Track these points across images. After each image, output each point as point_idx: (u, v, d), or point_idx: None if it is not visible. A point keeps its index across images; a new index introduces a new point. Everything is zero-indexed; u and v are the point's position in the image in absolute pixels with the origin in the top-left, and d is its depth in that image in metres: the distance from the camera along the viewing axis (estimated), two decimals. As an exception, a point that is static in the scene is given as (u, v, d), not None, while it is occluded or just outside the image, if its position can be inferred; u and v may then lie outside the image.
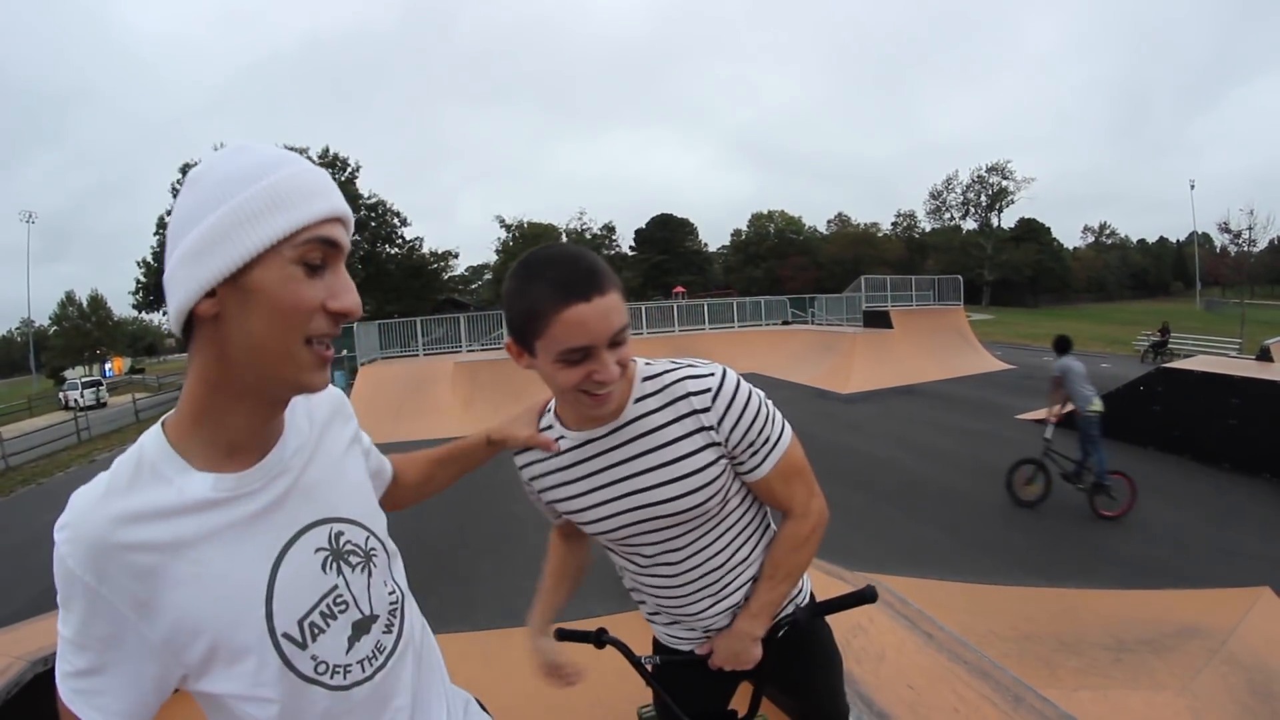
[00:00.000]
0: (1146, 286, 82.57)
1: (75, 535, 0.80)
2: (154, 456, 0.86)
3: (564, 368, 1.11)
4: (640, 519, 1.31)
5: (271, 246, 0.78)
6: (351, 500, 1.02)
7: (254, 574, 0.86)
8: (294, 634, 0.88)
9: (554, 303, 1.07)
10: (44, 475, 15.16)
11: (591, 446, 1.30)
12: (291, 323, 0.80)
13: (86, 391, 33.65)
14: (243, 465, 0.88)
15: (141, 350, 79.29)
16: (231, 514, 0.86)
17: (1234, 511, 6.78)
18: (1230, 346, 24.06)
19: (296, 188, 0.81)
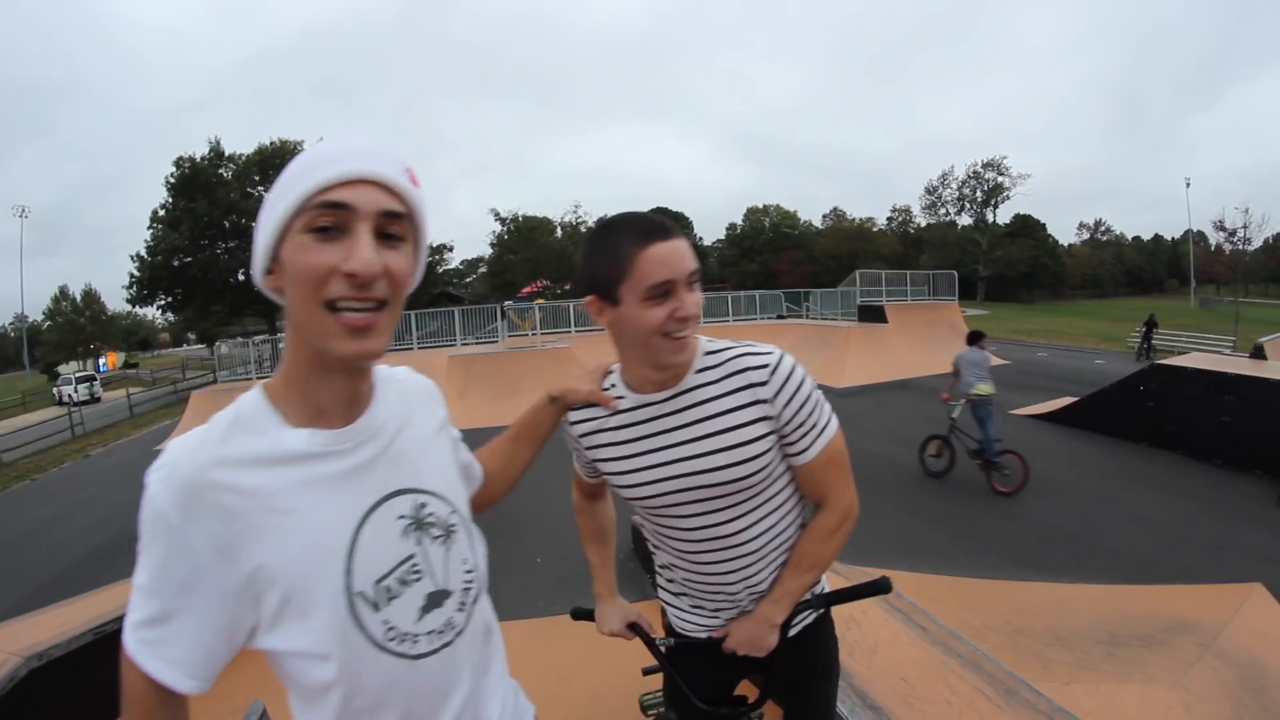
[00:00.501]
0: (1141, 283, 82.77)
1: (169, 475, 0.84)
2: (251, 411, 0.91)
3: (650, 306, 1.20)
4: (687, 486, 1.34)
5: (288, 221, 0.84)
6: (437, 475, 1.05)
7: (338, 530, 0.90)
8: (369, 594, 0.90)
9: (638, 244, 1.19)
10: (38, 471, 15.07)
11: (649, 410, 1.36)
12: (306, 289, 0.83)
13: (80, 386, 33.60)
14: (334, 426, 0.93)
15: (135, 345, 78.92)
16: (322, 469, 0.91)
17: (1226, 508, 6.79)
18: (1224, 344, 24.13)
19: (309, 162, 0.85)
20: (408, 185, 0.88)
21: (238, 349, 22.21)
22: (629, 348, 1.32)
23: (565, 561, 5.66)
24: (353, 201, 0.83)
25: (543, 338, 20.14)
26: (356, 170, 0.84)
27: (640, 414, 1.37)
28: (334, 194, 0.83)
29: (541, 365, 14.77)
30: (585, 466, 1.54)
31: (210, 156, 39.01)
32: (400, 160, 0.89)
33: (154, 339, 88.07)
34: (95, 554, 7.80)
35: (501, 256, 56.21)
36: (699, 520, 1.38)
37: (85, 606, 3.43)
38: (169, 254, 36.88)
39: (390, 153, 0.88)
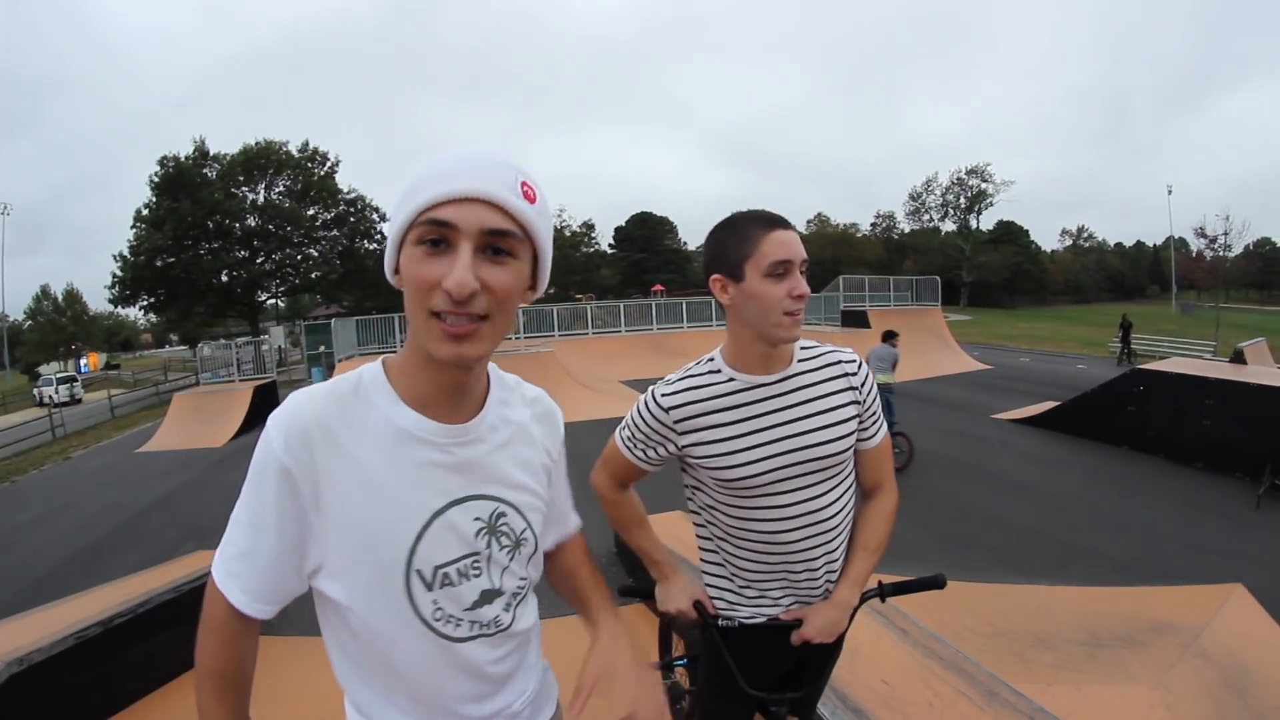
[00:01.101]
0: (1123, 289, 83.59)
1: (290, 422, 0.93)
2: (371, 382, 0.99)
3: (771, 282, 1.38)
4: (795, 461, 1.46)
5: (403, 233, 0.90)
6: (525, 495, 1.09)
7: (415, 513, 0.96)
8: (426, 575, 0.96)
9: (764, 228, 1.40)
10: (17, 473, 14.79)
11: (760, 390, 1.49)
12: (414, 298, 0.88)
13: (61, 387, 33.12)
14: (440, 417, 0.99)
15: (117, 346, 78.15)
16: (421, 454, 0.97)
17: (1207, 509, 6.86)
18: (1205, 349, 24.39)
19: (426, 176, 0.89)
20: (518, 203, 0.89)
21: (220, 350, 22.02)
22: (747, 325, 1.44)
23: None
24: (455, 220, 0.86)
25: (525, 341, 20.10)
26: (461, 189, 0.86)
27: (751, 394, 1.49)
28: (439, 211, 0.86)
29: (524, 369, 14.36)
30: (662, 454, 1.58)
31: (195, 156, 38.80)
32: (514, 174, 0.90)
33: (136, 340, 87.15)
34: (77, 558, 7.64)
35: (486, 260, 56.01)
36: (797, 495, 1.48)
37: (66, 610, 3.40)
38: (152, 254, 36.62)
39: (502, 168, 0.90)
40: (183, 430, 15.66)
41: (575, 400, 13.80)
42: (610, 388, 15.97)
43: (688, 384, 1.52)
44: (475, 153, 0.91)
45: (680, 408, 1.50)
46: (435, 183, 0.87)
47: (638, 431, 1.57)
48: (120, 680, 3.14)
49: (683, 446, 1.52)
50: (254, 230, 40.49)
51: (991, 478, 8.24)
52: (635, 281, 63.64)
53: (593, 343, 21.42)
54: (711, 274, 1.47)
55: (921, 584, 1.61)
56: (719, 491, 1.53)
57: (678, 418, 1.50)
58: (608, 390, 15.38)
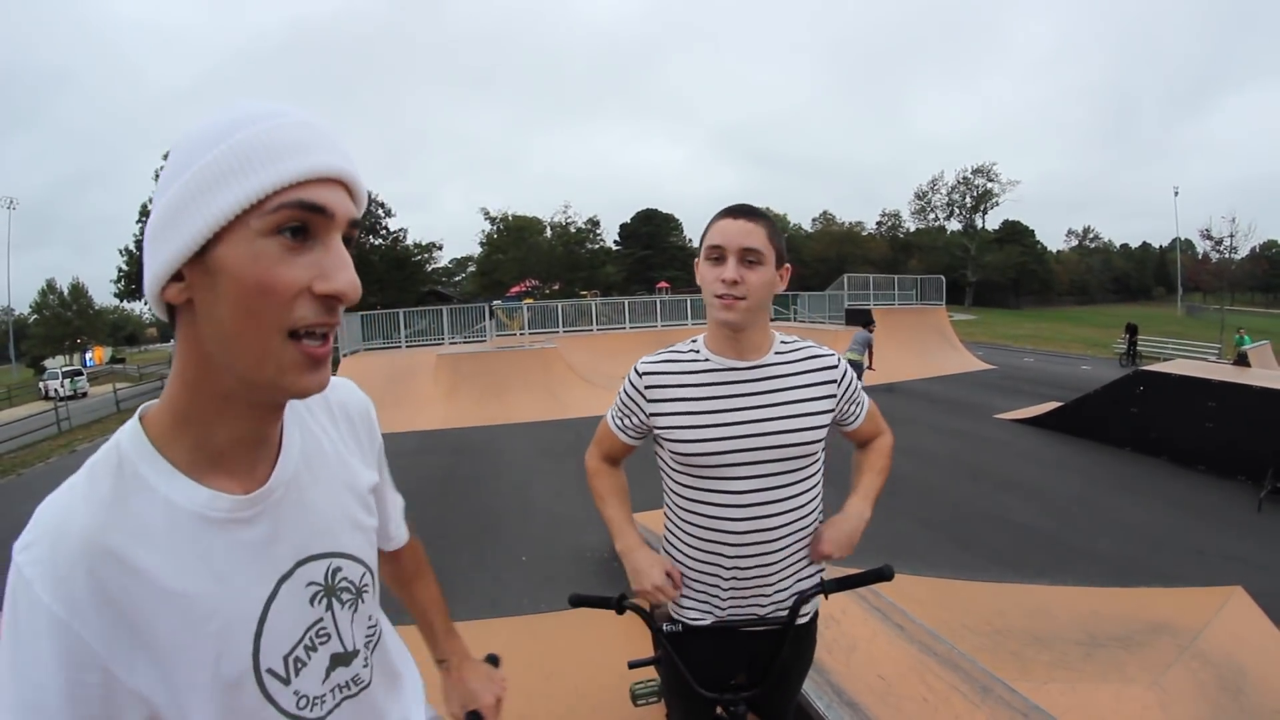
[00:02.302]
0: (1128, 291, 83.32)
1: (54, 552, 0.68)
2: (135, 456, 0.74)
3: (709, 265, 1.48)
4: (755, 446, 1.49)
5: (236, 218, 0.65)
6: (354, 533, 0.93)
7: (245, 610, 0.77)
8: (278, 670, 0.80)
9: (718, 217, 1.49)
10: (24, 465, 14.89)
11: (733, 374, 1.53)
12: (265, 310, 0.66)
13: (67, 381, 33.26)
14: (236, 479, 0.78)
15: (123, 340, 78.43)
16: (225, 538, 0.76)
17: (1208, 512, 6.85)
18: (1209, 351, 24.33)
19: (267, 143, 0.67)
20: (364, 187, 0.75)
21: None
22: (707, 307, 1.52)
23: (550, 560, 5.66)
24: (331, 206, 0.69)
25: (530, 337, 20.14)
26: (333, 167, 0.69)
27: (721, 375, 1.53)
28: (309, 192, 0.67)
29: (528, 365, 14.78)
30: (634, 423, 1.63)
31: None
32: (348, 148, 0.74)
33: (142, 334, 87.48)
34: None
35: (490, 255, 56.08)
36: (750, 483, 1.50)
37: None
38: (157, 249, 36.78)
39: (344, 140, 0.74)
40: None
41: (578, 396, 13.86)
42: (614, 384, 15.81)
43: (666, 358, 1.60)
44: (313, 117, 0.72)
45: (652, 375, 1.57)
46: (294, 153, 0.67)
47: (619, 402, 1.65)
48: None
49: (649, 415, 1.58)
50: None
51: (993, 477, 8.23)
52: (640, 278, 63.52)
53: (597, 339, 21.44)
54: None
55: (869, 577, 1.59)
56: (676, 469, 1.58)
57: (648, 384, 1.57)
58: (611, 387, 15.33)
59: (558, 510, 7.06)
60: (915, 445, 9.67)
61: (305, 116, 0.71)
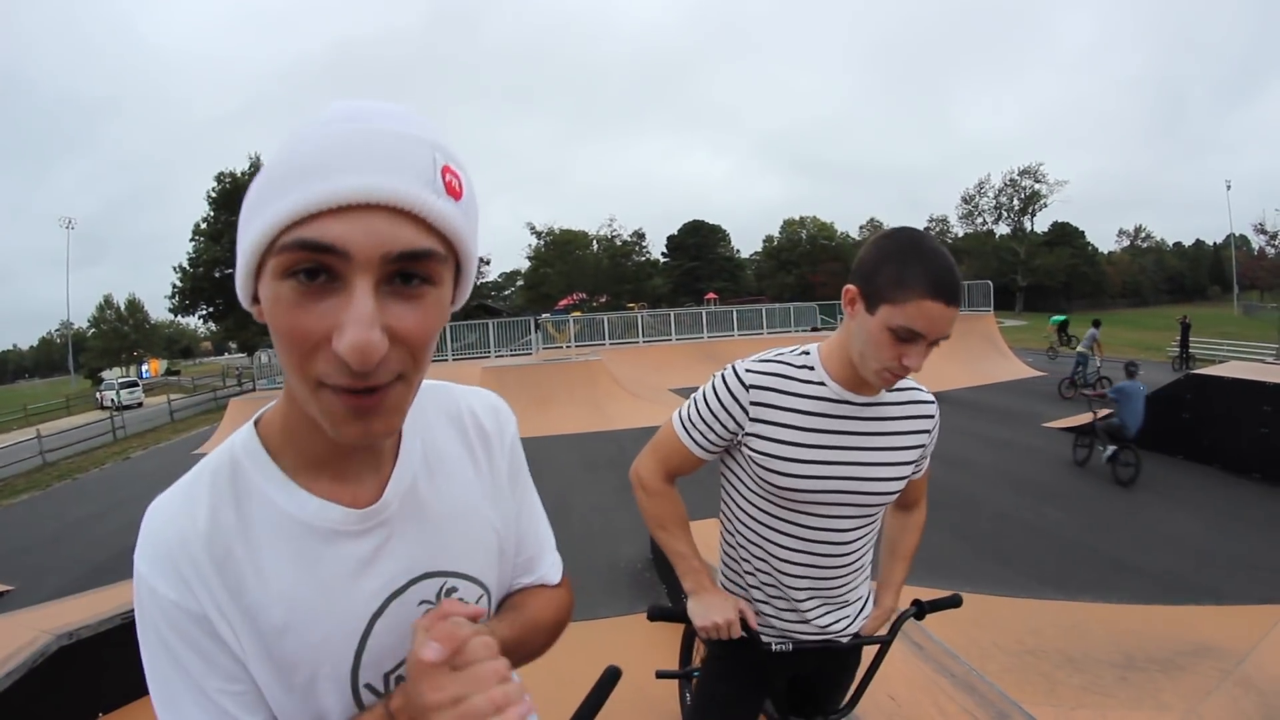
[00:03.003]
0: (1183, 291, 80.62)
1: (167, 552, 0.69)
2: (249, 462, 0.73)
3: (892, 338, 1.28)
4: (847, 489, 1.42)
5: (258, 256, 0.59)
6: (475, 553, 0.85)
7: (349, 623, 0.74)
8: (377, 686, 0.77)
9: (925, 291, 1.23)
10: (79, 471, 15.53)
11: (846, 408, 1.43)
12: (289, 356, 0.59)
13: (123, 392, 34.46)
14: (345, 487, 0.75)
15: (178, 353, 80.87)
16: (334, 551, 0.73)
17: (1262, 524, 6.58)
18: (1267, 352, 23.43)
19: (288, 168, 0.57)
20: (437, 204, 0.58)
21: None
22: (854, 348, 1.37)
23: (583, 573, 5.66)
24: (343, 242, 0.55)
25: (576, 350, 20.23)
26: (349, 191, 0.54)
27: (836, 408, 1.42)
28: (315, 228, 0.55)
29: (573, 377, 14.82)
30: (720, 435, 1.47)
31: (251, 172, 39.92)
32: (430, 155, 0.59)
33: (196, 347, 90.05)
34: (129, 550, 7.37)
35: (537, 269, 56.66)
36: (829, 522, 1.45)
37: (114, 594, 3.58)
38: (210, 265, 37.82)
39: (413, 144, 0.58)
40: (238, 434, 16.18)
41: (623, 408, 13.88)
42: (658, 396, 15.98)
43: (777, 369, 1.45)
44: (367, 120, 0.58)
45: (762, 389, 1.42)
46: (304, 178, 0.55)
47: (705, 407, 1.47)
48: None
49: (746, 433, 1.43)
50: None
51: (1037, 489, 8.04)
52: (688, 290, 63.41)
53: (643, 351, 21.48)
54: (852, 281, 1.35)
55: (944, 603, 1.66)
56: (756, 493, 1.48)
57: (755, 398, 1.42)
58: (655, 399, 15.38)
59: (593, 521, 7.00)
60: (959, 456, 9.50)
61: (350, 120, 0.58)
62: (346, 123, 0.57)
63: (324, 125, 0.58)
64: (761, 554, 1.51)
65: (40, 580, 7.15)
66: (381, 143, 0.57)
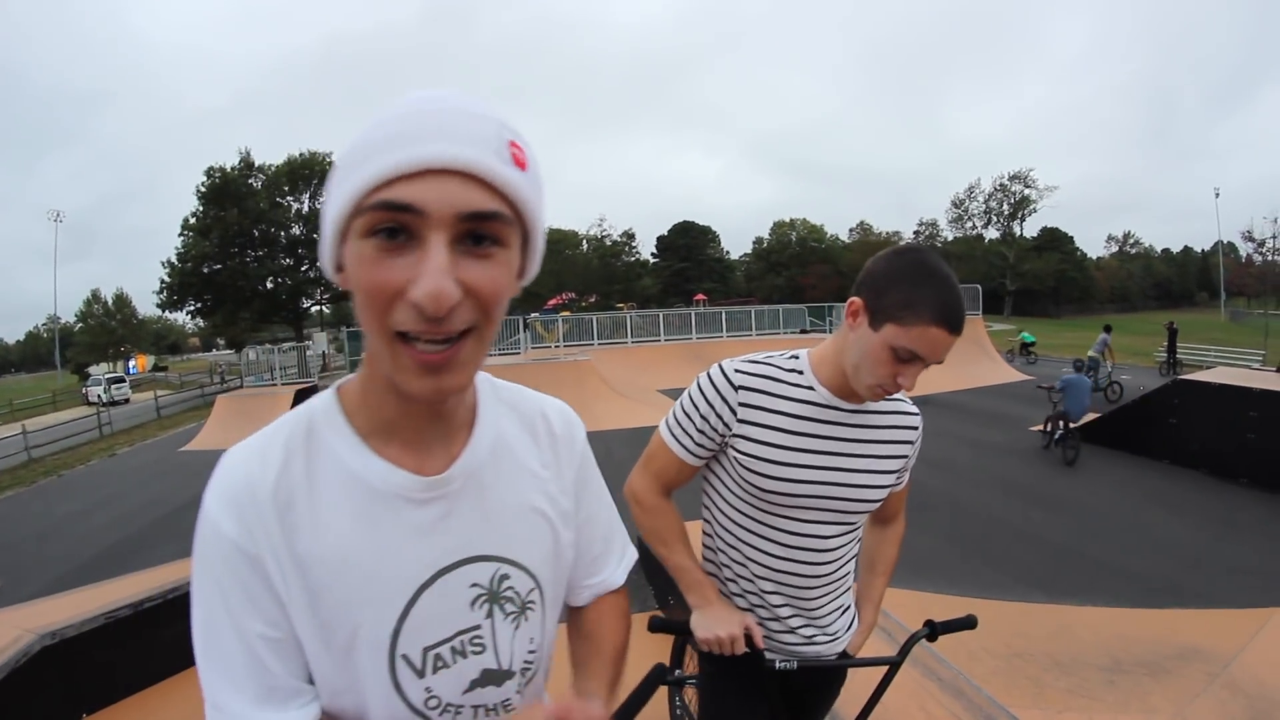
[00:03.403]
0: (1171, 297, 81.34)
1: (237, 491, 0.72)
2: (324, 420, 0.78)
3: (891, 358, 1.27)
4: (834, 495, 1.42)
5: (344, 221, 0.65)
6: (530, 547, 0.87)
7: (397, 588, 0.76)
8: (414, 659, 0.78)
9: (933, 317, 1.23)
10: (65, 467, 15.40)
11: (835, 414, 1.42)
12: (369, 310, 0.65)
13: (110, 387, 34.14)
14: (412, 455, 0.78)
15: (165, 349, 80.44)
16: (395, 514, 0.76)
17: (1248, 528, 6.64)
18: (1254, 358, 23.62)
19: (370, 138, 0.64)
20: (507, 171, 0.65)
21: (265, 355, 22.47)
22: (849, 359, 1.35)
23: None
24: (420, 202, 0.61)
25: (564, 349, 20.19)
26: (427, 157, 0.61)
27: (824, 413, 1.41)
28: (396, 190, 0.62)
29: (562, 378, 14.78)
30: (709, 438, 1.45)
31: (240, 167, 39.83)
32: (498, 130, 0.66)
33: (184, 343, 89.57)
34: (115, 548, 8.02)
35: (527, 269, 56.69)
36: (811, 528, 1.43)
37: (99, 593, 3.54)
38: (199, 261, 37.68)
39: (483, 121, 0.65)
40: (225, 431, 16.08)
41: (611, 409, 13.85)
42: (647, 396, 15.98)
43: (766, 370, 1.43)
44: (441, 101, 0.65)
45: (750, 390, 1.40)
46: (388, 147, 0.62)
47: (694, 409, 1.45)
48: (147, 660, 3.26)
49: (734, 434, 1.41)
50: (298, 239, 41.45)
51: (1024, 492, 8.08)
52: (677, 291, 63.52)
53: (632, 351, 21.45)
54: (858, 293, 1.33)
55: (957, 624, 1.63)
56: (740, 497, 1.46)
57: (744, 399, 1.40)
58: (644, 399, 15.38)
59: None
60: (946, 459, 9.55)
61: (428, 100, 0.65)
62: (421, 104, 0.64)
63: (402, 107, 0.64)
64: (740, 559, 1.49)
65: (24, 578, 7.09)
66: (454, 118, 0.64)
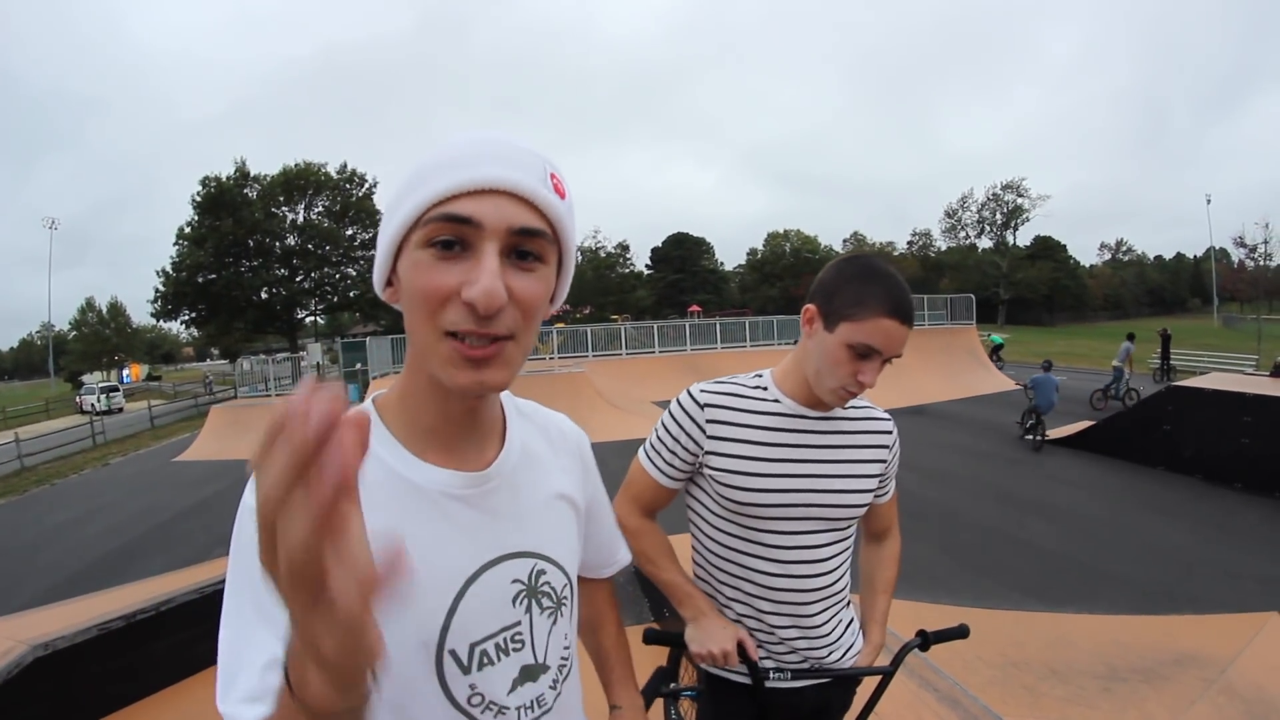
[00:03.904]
0: (1164, 303, 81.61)
1: None
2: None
3: (850, 355, 1.32)
4: (809, 502, 1.42)
5: (404, 233, 0.73)
6: (561, 544, 0.93)
7: (445, 584, 0.79)
8: (462, 655, 0.80)
9: (883, 309, 1.29)
10: (58, 476, 15.33)
11: (803, 423, 1.45)
12: (422, 313, 0.72)
13: (103, 396, 33.99)
14: (451, 458, 0.83)
15: (159, 358, 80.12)
16: (441, 511, 0.81)
17: (1243, 533, 6.65)
18: (1247, 363, 23.69)
19: (432, 163, 0.73)
20: (549, 196, 0.74)
21: (259, 366, 22.42)
22: (810, 366, 1.40)
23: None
24: (477, 215, 0.70)
25: (559, 361, 20.16)
26: (484, 178, 0.71)
27: (792, 423, 1.44)
28: (456, 205, 0.70)
29: (556, 390, 14.72)
30: (683, 461, 1.48)
31: (236, 176, 39.73)
32: (543, 164, 0.75)
33: (178, 353, 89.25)
34: (108, 558, 7.96)
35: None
36: (797, 539, 1.44)
37: (92, 604, 3.52)
38: (194, 270, 37.53)
39: (530, 155, 0.75)
40: (219, 441, 16.05)
41: (605, 421, 13.80)
42: (641, 408, 15.94)
43: (730, 389, 1.47)
44: (496, 136, 0.75)
45: (717, 408, 1.44)
46: (450, 170, 0.71)
47: (666, 434, 1.48)
48: (140, 672, 3.25)
49: (706, 452, 1.44)
50: (294, 249, 41.28)
51: (1019, 501, 8.08)
52: (672, 302, 63.52)
53: (626, 363, 21.44)
54: (811, 301, 1.39)
55: (950, 634, 1.64)
56: (720, 514, 1.47)
57: (711, 417, 1.43)
58: (638, 411, 15.35)
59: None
60: (941, 468, 9.53)
61: (484, 135, 0.75)
62: (477, 137, 0.74)
63: (459, 139, 0.74)
64: (734, 581, 1.49)
65: (16, 588, 7.05)
66: (507, 148, 0.73)
